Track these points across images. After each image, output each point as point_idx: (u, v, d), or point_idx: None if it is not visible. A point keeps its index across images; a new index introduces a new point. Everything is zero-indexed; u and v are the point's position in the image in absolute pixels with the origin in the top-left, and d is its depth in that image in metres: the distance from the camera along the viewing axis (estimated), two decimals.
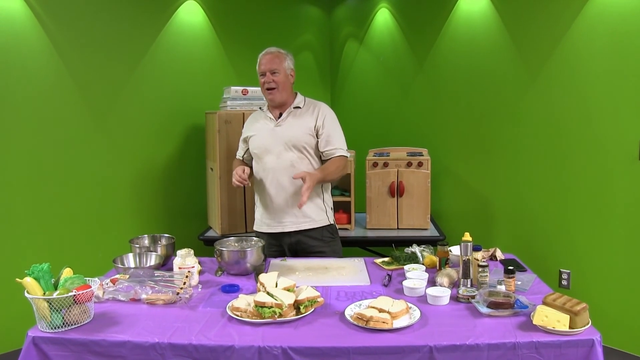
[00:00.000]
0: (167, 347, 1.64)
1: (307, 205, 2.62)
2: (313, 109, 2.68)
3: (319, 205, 2.70)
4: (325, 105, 2.74)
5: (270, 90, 2.62)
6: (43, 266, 1.79)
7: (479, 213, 3.95)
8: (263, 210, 2.72)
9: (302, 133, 2.62)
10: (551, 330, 1.64)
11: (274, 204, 2.65)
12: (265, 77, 2.61)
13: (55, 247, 3.46)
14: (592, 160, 3.26)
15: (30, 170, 3.35)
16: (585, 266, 3.34)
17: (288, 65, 2.66)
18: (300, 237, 2.67)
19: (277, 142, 2.62)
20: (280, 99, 2.64)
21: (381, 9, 4.60)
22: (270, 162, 2.63)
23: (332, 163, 2.62)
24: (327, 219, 2.73)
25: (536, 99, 3.51)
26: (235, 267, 2.26)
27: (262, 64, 2.64)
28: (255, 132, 2.70)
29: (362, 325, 1.70)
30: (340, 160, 2.64)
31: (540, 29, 3.43)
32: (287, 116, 2.66)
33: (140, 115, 3.86)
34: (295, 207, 2.60)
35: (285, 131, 2.62)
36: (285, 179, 2.60)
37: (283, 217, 2.65)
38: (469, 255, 2.04)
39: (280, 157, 2.61)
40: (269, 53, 2.66)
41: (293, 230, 2.66)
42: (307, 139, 2.62)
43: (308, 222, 2.66)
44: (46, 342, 1.68)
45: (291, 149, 2.61)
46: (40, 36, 3.34)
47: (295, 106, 2.67)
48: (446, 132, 4.15)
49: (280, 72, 2.61)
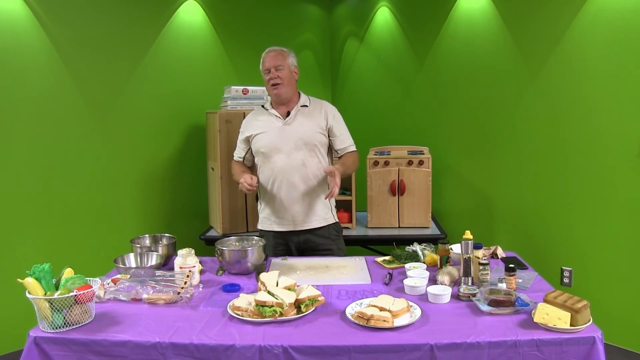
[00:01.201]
0: (168, 347, 1.64)
1: (317, 204, 2.67)
2: (320, 108, 2.72)
3: (326, 204, 2.72)
4: (329, 104, 2.78)
5: (276, 86, 2.63)
6: (44, 266, 1.79)
7: (481, 211, 3.95)
8: (272, 209, 2.71)
9: (314, 131, 2.64)
10: (552, 328, 1.64)
11: (284, 202, 2.65)
12: (270, 73, 2.63)
13: (56, 247, 3.46)
14: (593, 158, 3.25)
15: (30, 171, 3.35)
16: (587, 264, 3.34)
17: (292, 62, 2.68)
18: (309, 235, 2.69)
19: (288, 141, 2.62)
20: (286, 94, 2.65)
21: (381, 8, 4.59)
22: (280, 161, 2.63)
23: (348, 158, 2.71)
24: (333, 217, 2.77)
25: (537, 96, 3.50)
26: (236, 266, 2.26)
27: (266, 61, 2.66)
28: (261, 131, 2.68)
29: (363, 323, 1.70)
30: (354, 155, 2.75)
31: (540, 27, 3.43)
32: (295, 114, 2.66)
33: (141, 115, 3.86)
34: (306, 206, 2.64)
35: (296, 129, 2.63)
36: (296, 178, 2.61)
37: (294, 216, 2.67)
38: (470, 253, 2.04)
39: (290, 156, 2.61)
40: (272, 51, 2.68)
41: (304, 228, 2.67)
42: (318, 137, 2.65)
43: (318, 221, 2.69)
44: (47, 342, 1.69)
45: (302, 147, 2.62)
46: (40, 36, 3.34)
47: (302, 105, 2.69)
48: (447, 131, 4.15)
49: (284, 68, 2.63)
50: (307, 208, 2.65)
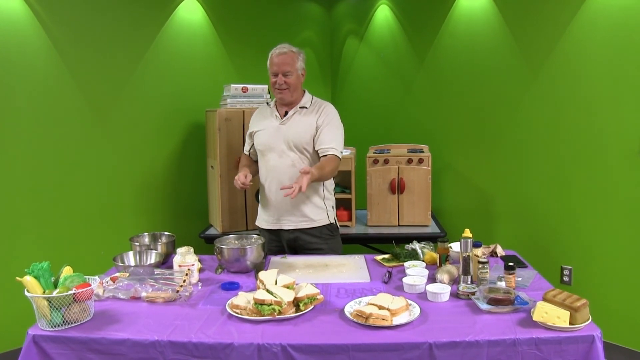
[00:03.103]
0: (166, 345, 1.64)
1: (306, 205, 2.63)
2: (318, 110, 2.65)
3: (318, 205, 2.67)
4: (330, 106, 2.70)
5: (281, 90, 2.59)
6: (43, 265, 1.79)
7: (481, 209, 3.94)
8: (264, 206, 2.72)
9: (305, 133, 2.59)
10: (551, 326, 1.63)
11: (273, 202, 2.64)
12: (277, 78, 2.57)
13: (55, 245, 3.46)
14: (593, 155, 3.25)
15: (30, 169, 3.35)
16: (587, 262, 3.33)
17: (300, 66, 2.61)
18: (299, 234, 2.67)
19: (280, 141, 2.60)
20: (290, 98, 2.62)
21: (381, 6, 4.59)
22: (272, 160, 2.62)
23: (328, 163, 2.53)
24: (327, 218, 2.70)
25: (537, 94, 3.50)
26: (235, 264, 2.26)
27: (275, 64, 2.57)
28: (261, 129, 2.68)
29: (362, 322, 1.70)
30: (334, 160, 2.56)
31: (541, 24, 3.42)
32: (292, 115, 2.63)
33: (141, 114, 3.85)
34: (295, 206, 2.60)
35: (288, 130, 2.60)
36: (285, 178, 2.56)
37: (282, 215, 2.65)
38: (469, 251, 2.03)
39: (282, 156, 2.60)
40: (282, 53, 2.58)
41: (291, 228, 2.65)
42: (308, 139, 2.59)
43: (306, 222, 2.64)
44: (46, 341, 1.69)
45: (292, 149, 2.59)
46: (40, 35, 3.33)
47: (301, 106, 2.65)
48: (447, 129, 4.14)
49: (292, 73, 2.57)
50: (295, 209, 2.61)
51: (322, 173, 2.46)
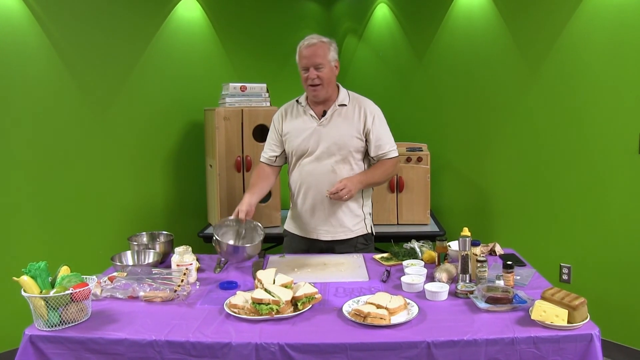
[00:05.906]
0: (164, 345, 1.63)
1: (345, 214, 2.46)
2: (359, 108, 2.43)
3: (357, 213, 2.50)
4: (370, 103, 2.50)
5: (314, 87, 2.36)
6: (40, 264, 1.79)
7: (480, 208, 3.94)
8: (297, 213, 2.53)
9: (349, 136, 2.39)
10: (549, 325, 1.63)
11: (310, 210, 2.47)
12: (309, 72, 2.34)
13: (52, 245, 3.46)
14: (592, 154, 3.24)
15: (28, 169, 3.35)
16: (586, 260, 3.33)
17: (333, 57, 2.38)
18: (334, 244, 2.51)
19: (320, 145, 2.39)
20: (325, 95, 2.40)
21: (380, 4, 4.58)
22: (309, 166, 2.43)
23: (379, 166, 2.41)
24: (365, 228, 2.54)
25: (536, 92, 3.49)
26: (233, 256, 2.27)
27: (305, 56, 2.34)
28: (294, 130, 2.45)
29: (360, 321, 1.69)
30: (390, 162, 2.44)
31: (539, 23, 3.41)
32: (331, 115, 2.42)
33: (139, 112, 3.85)
34: (333, 217, 2.44)
35: (330, 132, 2.39)
36: (324, 185, 2.38)
37: (318, 225, 2.48)
38: (468, 250, 2.03)
39: (321, 161, 2.40)
40: (311, 45, 2.34)
41: (327, 239, 2.49)
42: (354, 142, 2.40)
43: (344, 232, 2.48)
44: (43, 341, 1.68)
45: (335, 152, 2.39)
46: (38, 33, 3.33)
47: (340, 103, 2.43)
48: (446, 127, 4.14)
49: (325, 66, 2.34)
50: (333, 219, 2.44)
51: (371, 177, 2.39)
